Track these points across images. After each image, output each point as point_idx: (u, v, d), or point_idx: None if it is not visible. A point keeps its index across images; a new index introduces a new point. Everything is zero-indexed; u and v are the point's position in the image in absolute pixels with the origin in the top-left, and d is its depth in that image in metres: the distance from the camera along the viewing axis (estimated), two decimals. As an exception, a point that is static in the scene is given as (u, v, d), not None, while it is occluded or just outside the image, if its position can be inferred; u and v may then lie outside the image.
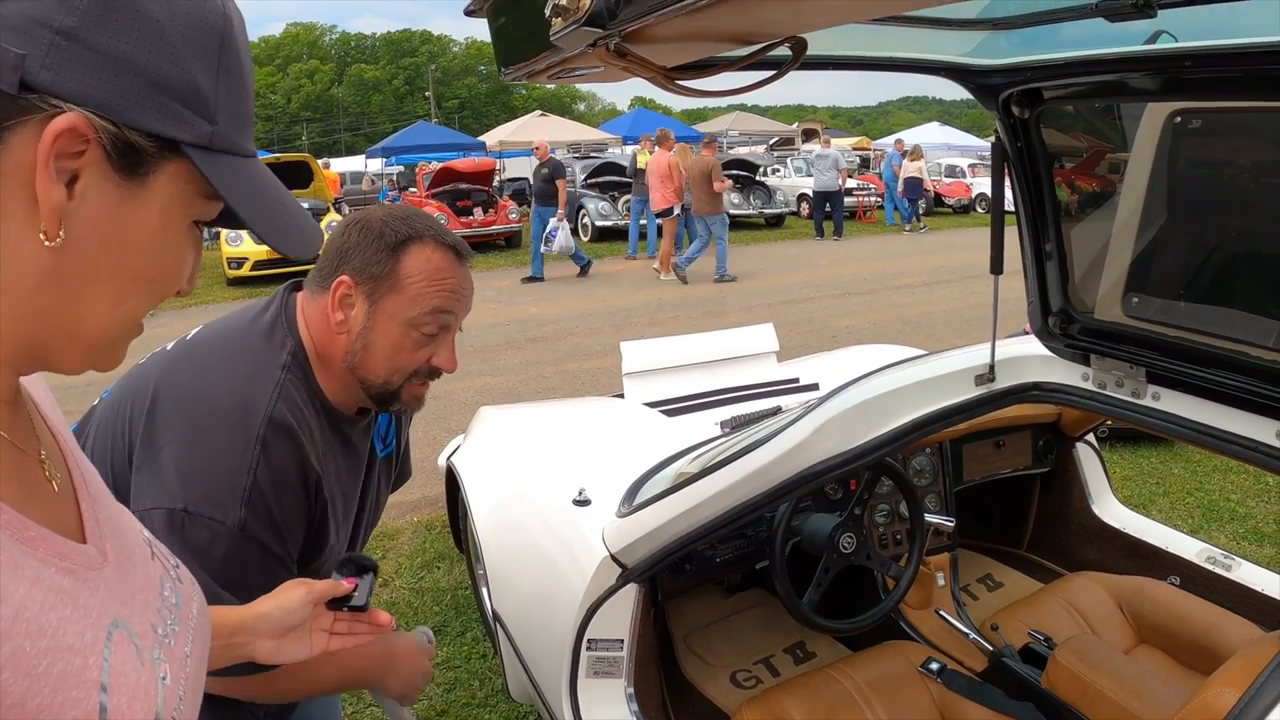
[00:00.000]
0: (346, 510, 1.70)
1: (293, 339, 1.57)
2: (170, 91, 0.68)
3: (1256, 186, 1.89)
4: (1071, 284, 2.24)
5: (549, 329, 10.90)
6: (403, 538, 5.12)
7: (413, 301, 1.54)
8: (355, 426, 1.68)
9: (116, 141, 0.66)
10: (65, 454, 0.84)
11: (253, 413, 1.46)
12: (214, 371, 1.51)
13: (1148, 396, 2.10)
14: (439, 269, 1.56)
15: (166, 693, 0.76)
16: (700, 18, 1.07)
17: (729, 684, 2.95)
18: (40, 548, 0.67)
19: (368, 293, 1.54)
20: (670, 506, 2.24)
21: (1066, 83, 1.92)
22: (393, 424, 1.88)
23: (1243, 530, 4.93)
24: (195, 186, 0.73)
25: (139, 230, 0.71)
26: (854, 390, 2.19)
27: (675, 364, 4.43)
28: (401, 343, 1.55)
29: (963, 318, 10.82)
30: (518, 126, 28.63)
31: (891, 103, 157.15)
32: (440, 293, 1.55)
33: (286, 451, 1.47)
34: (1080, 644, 2.49)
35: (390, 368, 1.57)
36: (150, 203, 0.70)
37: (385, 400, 1.61)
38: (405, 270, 1.54)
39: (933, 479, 3.32)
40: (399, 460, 1.98)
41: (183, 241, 0.76)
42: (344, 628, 1.37)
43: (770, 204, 21.58)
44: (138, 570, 0.82)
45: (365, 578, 1.37)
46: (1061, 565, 3.57)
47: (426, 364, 1.59)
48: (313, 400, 1.56)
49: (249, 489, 1.41)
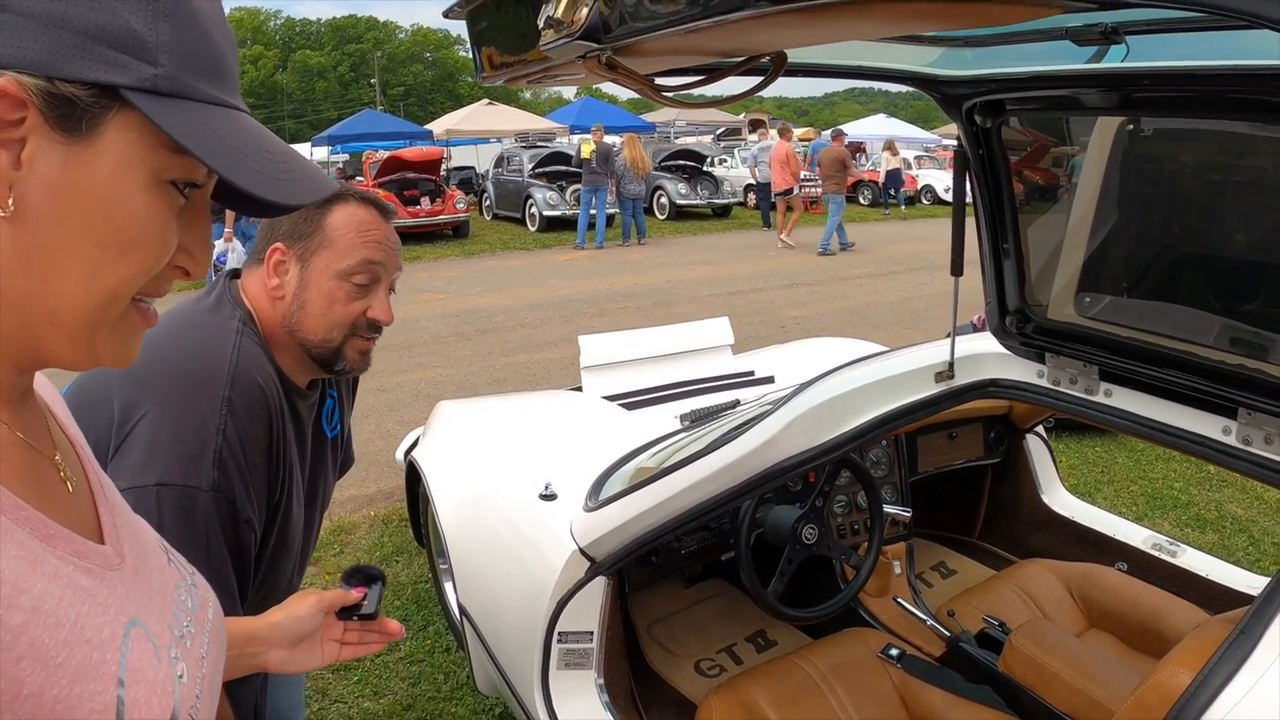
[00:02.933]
0: (301, 489, 1.72)
1: (240, 309, 1.60)
2: (102, 39, 0.65)
3: (1203, 191, 1.97)
4: (1028, 285, 2.32)
5: (498, 320, 10.88)
6: (359, 531, 5.11)
7: (342, 254, 1.59)
8: (305, 401, 1.71)
9: (50, 97, 0.63)
10: (83, 460, 0.85)
11: (216, 373, 1.48)
12: (169, 346, 1.52)
13: (1100, 393, 2.18)
14: (364, 221, 1.62)
15: (184, 691, 0.77)
16: (690, 36, 1.11)
17: (694, 673, 3.01)
18: (59, 545, 0.68)
19: (299, 254, 1.60)
20: (639, 500, 2.28)
21: (1029, 95, 1.99)
22: (336, 408, 1.91)
23: (1186, 517, 5.08)
24: (152, 138, 0.68)
25: (93, 190, 0.67)
26: (820, 387, 2.25)
27: (633, 357, 4.47)
28: (335, 294, 1.60)
29: (909, 309, 10.97)
30: (465, 115, 28.42)
31: (838, 94, 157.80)
32: (368, 244, 1.61)
33: (253, 410, 1.50)
34: (1035, 628, 2.58)
35: (328, 323, 1.60)
36: (101, 160, 0.67)
37: (329, 360, 1.63)
38: (332, 225, 1.59)
39: (889, 470, 3.40)
40: (344, 445, 2.01)
41: (154, 203, 0.70)
42: (354, 637, 1.39)
43: (717, 194, 21.63)
44: (154, 574, 0.83)
45: (374, 587, 1.40)
46: (1013, 553, 3.67)
47: (363, 316, 1.62)
48: (270, 363, 1.59)
49: (219, 450, 1.43)
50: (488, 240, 18.22)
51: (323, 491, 1.88)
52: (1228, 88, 1.61)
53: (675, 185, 21.23)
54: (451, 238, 18.30)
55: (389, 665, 3.73)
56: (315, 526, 1.87)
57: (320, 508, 1.89)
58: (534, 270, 14.75)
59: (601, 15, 1.11)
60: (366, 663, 3.74)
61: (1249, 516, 5.06)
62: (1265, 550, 4.66)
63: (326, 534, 4.99)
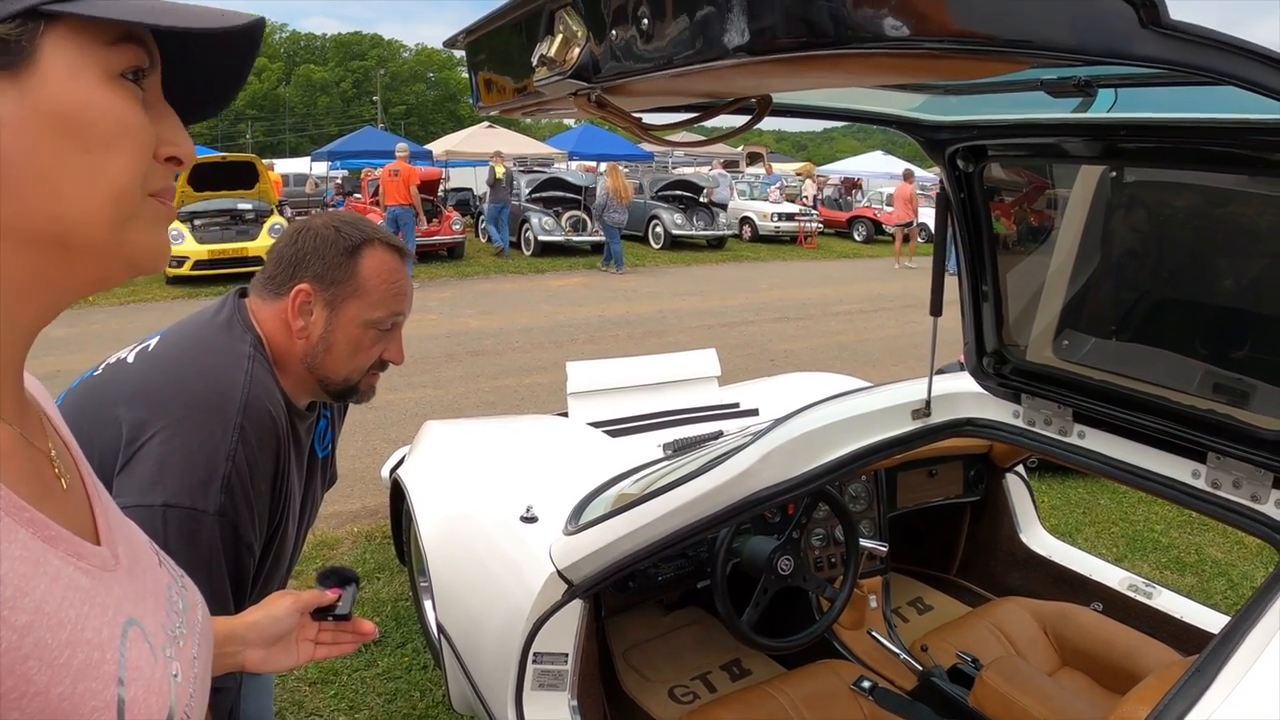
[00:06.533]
0: (297, 510, 1.76)
1: (251, 334, 1.63)
2: None
3: (1182, 239, 2.02)
4: (1006, 326, 2.37)
5: (489, 343, 10.91)
6: (343, 547, 5.12)
7: (374, 305, 1.64)
8: (304, 422, 1.75)
9: None
10: (77, 461, 0.87)
11: (228, 399, 1.51)
12: (183, 367, 1.55)
13: (1074, 435, 2.23)
14: (392, 271, 1.67)
15: (179, 689, 0.79)
16: (677, 79, 1.16)
17: (667, 698, 3.03)
18: (60, 546, 0.69)
19: (328, 299, 1.63)
20: (618, 525, 2.32)
21: (1010, 142, 2.04)
22: (329, 429, 1.94)
23: (1165, 560, 5.12)
24: (84, 39, 0.69)
25: (57, 106, 0.68)
26: (797, 420, 2.29)
27: (619, 385, 4.50)
28: (361, 341, 1.65)
29: (899, 346, 11.03)
30: (465, 137, 28.47)
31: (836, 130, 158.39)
32: (397, 295, 1.67)
33: (262, 438, 1.53)
34: (1006, 665, 2.61)
35: (351, 366, 1.67)
36: (52, 77, 0.68)
37: (345, 394, 1.71)
38: (364, 275, 1.64)
39: (868, 505, 3.44)
40: (332, 463, 2.04)
41: (115, 95, 0.71)
42: (329, 637, 1.42)
43: (712, 225, 21.74)
44: (147, 575, 0.85)
45: (348, 588, 1.43)
46: (989, 590, 3.70)
47: (380, 358, 1.70)
48: (278, 388, 1.62)
49: (227, 475, 1.45)
50: (482, 263, 18.27)
51: (310, 509, 1.90)
52: (1203, 141, 1.66)
53: (671, 215, 21.28)
54: (446, 258, 18.34)
55: (366, 680, 3.74)
56: (301, 541, 1.89)
57: (307, 524, 1.91)
58: (527, 294, 14.79)
59: (593, 56, 1.15)
60: (344, 676, 3.75)
61: (1228, 560, 5.10)
62: (1243, 594, 4.70)
63: (310, 548, 5.00)
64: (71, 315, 10.45)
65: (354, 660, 3.88)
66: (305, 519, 1.88)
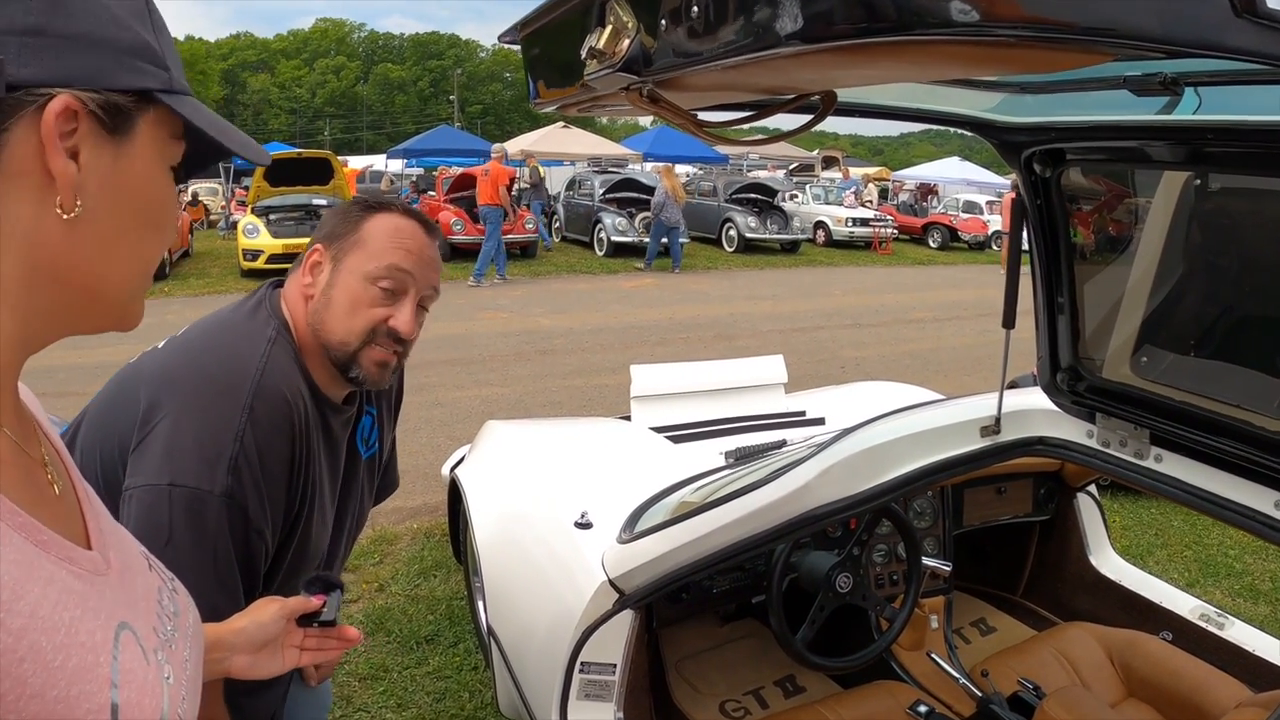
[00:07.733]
0: (327, 506, 1.71)
1: (276, 319, 1.61)
2: (131, 52, 0.76)
3: (1272, 250, 1.91)
4: (1082, 341, 2.26)
5: (559, 342, 10.93)
6: (401, 543, 5.14)
7: (371, 256, 1.59)
8: (338, 415, 1.70)
9: (104, 106, 0.73)
10: (67, 466, 0.88)
11: (241, 379, 1.48)
12: (203, 351, 1.55)
13: (1150, 458, 2.12)
14: (399, 229, 1.62)
15: (171, 692, 0.80)
16: (733, 72, 1.09)
17: (718, 713, 2.96)
18: (52, 550, 0.70)
19: (333, 254, 1.62)
20: (672, 537, 2.26)
21: (1089, 145, 1.94)
22: (375, 426, 1.89)
23: (1239, 586, 4.92)
24: (166, 129, 0.80)
25: (137, 180, 0.78)
26: (860, 435, 2.22)
27: (684, 390, 4.44)
28: (360, 296, 1.59)
29: (973, 355, 10.82)
30: (540, 136, 28.62)
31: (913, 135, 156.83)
32: (398, 249, 1.61)
33: (275, 420, 1.50)
34: (1069, 696, 2.50)
35: (347, 325, 1.59)
36: (140, 153, 0.77)
37: (345, 365, 1.61)
38: (368, 228, 1.61)
39: (932, 522, 3.33)
40: (382, 467, 1.99)
41: (169, 184, 0.83)
42: (314, 643, 1.40)
43: (786, 229, 21.57)
44: (138, 579, 0.86)
45: (333, 594, 1.40)
46: (1055, 614, 3.57)
47: (384, 324, 1.60)
48: (301, 375, 1.59)
49: (234, 456, 1.43)
50: (555, 262, 18.37)
51: (353, 512, 1.86)
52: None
53: (745, 218, 21.16)
54: (520, 257, 18.43)
55: (415, 678, 3.72)
56: (342, 546, 1.85)
57: (350, 529, 1.87)
58: (599, 295, 14.83)
59: (643, 48, 1.10)
60: (394, 674, 3.74)
61: (1306, 591, 4.90)
62: (1321, 628, 4.50)
63: (367, 543, 5.02)
64: (149, 305, 10.69)
65: (405, 658, 3.87)
66: (347, 522, 1.84)
